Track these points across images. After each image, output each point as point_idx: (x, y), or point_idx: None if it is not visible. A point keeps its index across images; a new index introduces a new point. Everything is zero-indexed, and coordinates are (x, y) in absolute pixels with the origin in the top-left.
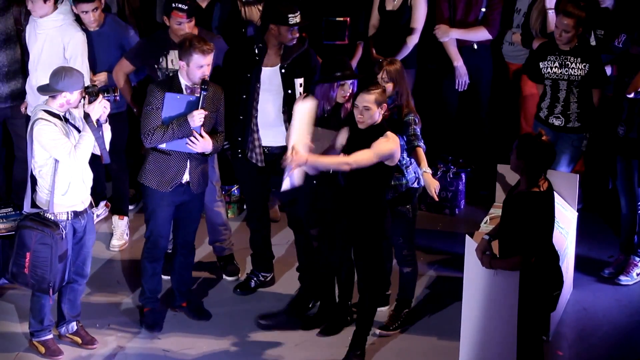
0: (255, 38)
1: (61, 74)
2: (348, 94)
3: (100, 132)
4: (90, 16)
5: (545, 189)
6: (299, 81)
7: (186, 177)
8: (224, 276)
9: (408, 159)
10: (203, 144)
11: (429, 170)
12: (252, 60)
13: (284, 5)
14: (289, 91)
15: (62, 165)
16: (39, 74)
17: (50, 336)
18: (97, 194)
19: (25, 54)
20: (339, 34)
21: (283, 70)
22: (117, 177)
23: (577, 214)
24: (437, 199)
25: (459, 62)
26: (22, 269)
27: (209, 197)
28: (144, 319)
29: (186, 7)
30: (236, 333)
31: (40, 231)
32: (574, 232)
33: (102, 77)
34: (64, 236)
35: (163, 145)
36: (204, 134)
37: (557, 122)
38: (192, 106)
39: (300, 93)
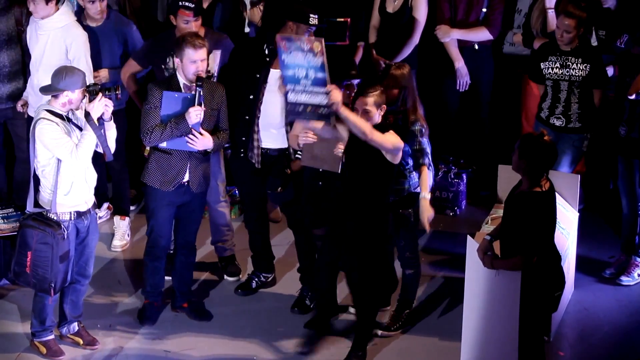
0: (265, 39)
1: (62, 73)
2: (354, 94)
3: (102, 131)
4: (97, 6)
5: (547, 189)
6: None
7: (187, 177)
8: (225, 277)
9: (412, 164)
10: (203, 141)
11: (428, 197)
12: (261, 61)
13: (305, 4)
14: None
15: (65, 165)
16: (40, 75)
17: (51, 336)
18: (100, 195)
19: (25, 55)
20: (339, 35)
21: None
22: (118, 175)
23: (578, 214)
24: (427, 229)
25: (460, 63)
26: (24, 268)
27: (213, 197)
28: (141, 310)
29: (193, 6)
30: (237, 334)
31: (41, 230)
32: (575, 233)
33: (103, 74)
34: (65, 236)
35: (164, 144)
36: (202, 131)
37: (558, 123)
38: (189, 104)
39: None
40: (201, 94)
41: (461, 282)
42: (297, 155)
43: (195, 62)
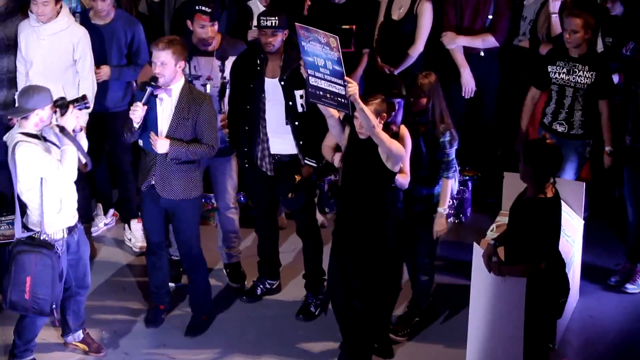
0: (258, 48)
1: (30, 92)
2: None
3: (76, 142)
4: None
5: (552, 195)
6: (299, 93)
7: (153, 179)
8: (230, 283)
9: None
10: (158, 143)
11: (444, 212)
12: (254, 71)
13: (268, 8)
14: (290, 103)
15: (50, 184)
16: (45, 81)
17: (32, 357)
18: (105, 200)
19: (21, 63)
20: (344, 42)
21: (283, 82)
22: (124, 176)
23: (583, 222)
24: (434, 239)
25: (465, 69)
26: (22, 295)
27: (223, 203)
28: (147, 313)
29: (209, 10)
30: (242, 340)
31: (38, 252)
32: (580, 240)
33: (105, 70)
34: (59, 255)
35: (140, 142)
36: (155, 134)
37: (560, 129)
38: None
39: (301, 105)
40: (150, 94)
41: (467, 289)
42: (305, 161)
43: (155, 62)
